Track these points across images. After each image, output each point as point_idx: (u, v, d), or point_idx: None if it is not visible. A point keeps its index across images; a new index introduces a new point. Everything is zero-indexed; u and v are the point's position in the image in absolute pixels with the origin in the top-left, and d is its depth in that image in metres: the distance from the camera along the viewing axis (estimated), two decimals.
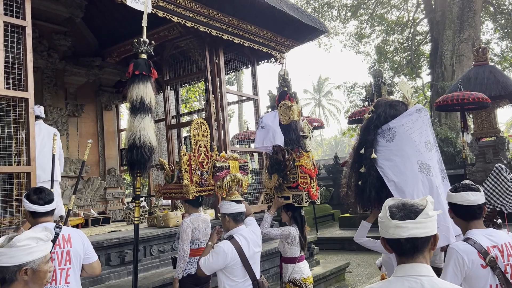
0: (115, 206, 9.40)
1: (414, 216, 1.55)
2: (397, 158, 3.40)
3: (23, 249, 1.86)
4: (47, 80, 8.25)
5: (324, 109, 61.09)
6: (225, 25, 6.83)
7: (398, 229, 1.55)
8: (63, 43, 8.36)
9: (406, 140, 3.41)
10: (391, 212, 1.59)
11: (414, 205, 1.59)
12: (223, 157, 3.85)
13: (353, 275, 8.02)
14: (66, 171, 8.34)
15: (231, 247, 3.24)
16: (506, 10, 21.73)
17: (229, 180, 3.73)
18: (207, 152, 4.25)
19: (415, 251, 1.57)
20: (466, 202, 2.50)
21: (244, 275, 3.29)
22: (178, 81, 8.90)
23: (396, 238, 1.56)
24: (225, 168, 3.73)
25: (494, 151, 11.63)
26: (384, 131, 3.50)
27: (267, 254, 6.48)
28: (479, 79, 12.08)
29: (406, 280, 1.54)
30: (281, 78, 4.98)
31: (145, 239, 5.71)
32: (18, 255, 1.85)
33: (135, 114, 3.54)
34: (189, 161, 4.07)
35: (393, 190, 3.34)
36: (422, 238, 1.55)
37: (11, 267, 1.83)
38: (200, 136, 4.23)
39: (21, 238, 1.87)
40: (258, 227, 3.69)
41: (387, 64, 24.81)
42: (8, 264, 1.83)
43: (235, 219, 3.45)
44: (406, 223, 1.54)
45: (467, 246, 2.37)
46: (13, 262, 1.83)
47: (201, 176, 4.11)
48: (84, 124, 9.25)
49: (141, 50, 3.74)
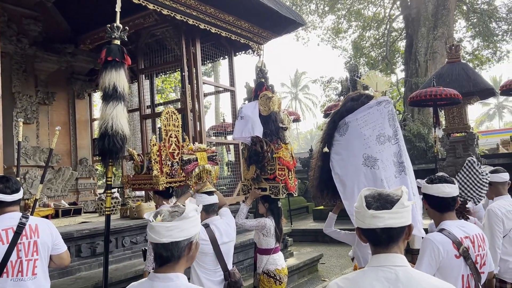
0: (87, 197, 9.20)
1: (390, 206, 1.55)
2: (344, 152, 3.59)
3: (192, 221, 1.72)
4: (16, 66, 7.96)
5: (300, 103, 61.48)
6: (202, 14, 6.73)
7: (374, 219, 1.54)
8: (34, 28, 8.06)
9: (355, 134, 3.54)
10: (367, 202, 1.59)
11: (390, 195, 1.60)
12: (191, 149, 3.81)
13: (326, 267, 8.12)
14: (36, 160, 8.11)
15: (205, 232, 3.21)
16: (478, 9, 22.26)
17: (198, 172, 3.69)
18: (178, 143, 4.19)
19: (390, 241, 1.57)
20: (441, 193, 2.54)
21: (216, 264, 3.27)
22: (153, 70, 8.73)
23: (372, 228, 1.56)
24: (192, 161, 3.69)
25: (464, 147, 11.95)
26: (340, 126, 3.67)
27: (242, 246, 6.48)
28: (451, 76, 12.36)
29: (381, 270, 1.54)
30: (258, 70, 4.94)
31: (117, 230, 5.61)
32: (188, 227, 1.69)
33: (107, 101, 3.43)
34: (159, 152, 4.00)
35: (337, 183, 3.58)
36: (398, 228, 1.56)
37: (182, 241, 1.68)
38: (171, 126, 4.16)
39: (189, 210, 1.73)
40: (233, 219, 3.67)
41: (363, 60, 25.07)
42: (180, 239, 1.67)
43: (207, 210, 3.42)
44: (383, 213, 1.54)
45: (442, 236, 2.41)
46: (184, 236, 1.68)
47: (171, 167, 4.05)
48: (55, 113, 8.98)
49: (114, 36, 3.63)
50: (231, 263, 3.41)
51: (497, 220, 3.62)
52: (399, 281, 1.50)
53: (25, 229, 2.88)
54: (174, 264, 1.68)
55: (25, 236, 2.87)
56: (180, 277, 1.70)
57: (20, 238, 2.85)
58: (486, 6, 22.16)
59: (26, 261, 2.86)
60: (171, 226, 1.65)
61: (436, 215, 2.60)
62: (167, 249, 1.66)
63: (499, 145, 20.36)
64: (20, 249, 2.84)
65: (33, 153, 8.06)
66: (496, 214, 3.63)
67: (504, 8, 22.06)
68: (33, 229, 2.93)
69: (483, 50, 23.30)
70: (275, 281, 4.15)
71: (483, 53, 23.43)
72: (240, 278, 3.42)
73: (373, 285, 1.51)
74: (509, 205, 3.74)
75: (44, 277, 2.96)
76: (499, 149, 19.54)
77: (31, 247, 2.89)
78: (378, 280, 1.51)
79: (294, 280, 7.01)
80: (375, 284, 1.51)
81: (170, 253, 1.66)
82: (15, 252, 2.81)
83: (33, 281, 2.86)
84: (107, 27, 3.67)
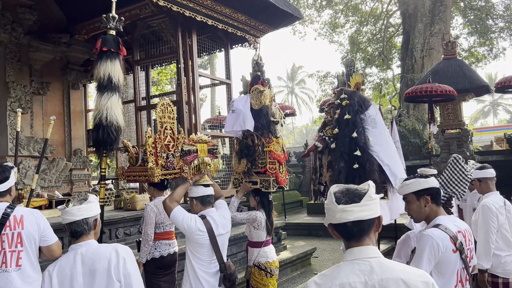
0: (81, 188, 9.17)
1: (359, 199, 1.60)
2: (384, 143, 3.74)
3: (95, 204, 2.36)
4: (11, 55, 7.87)
5: (297, 97, 61.43)
6: (199, 6, 6.69)
7: (344, 213, 1.59)
8: (28, 17, 7.97)
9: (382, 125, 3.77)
10: (336, 198, 1.63)
11: (358, 189, 1.64)
12: (192, 140, 3.79)
13: (319, 260, 8.17)
14: (30, 150, 8.06)
15: (202, 223, 3.22)
16: (475, 6, 22.28)
17: (197, 164, 3.68)
18: (173, 135, 4.18)
19: (361, 234, 1.61)
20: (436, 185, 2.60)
21: (211, 255, 3.28)
22: (149, 62, 8.68)
23: (343, 223, 1.60)
24: (193, 152, 3.65)
25: (458, 143, 12.01)
26: (367, 118, 3.76)
27: (235, 239, 6.50)
28: (447, 73, 12.40)
29: (356, 263, 1.58)
30: (254, 63, 4.92)
31: (111, 221, 5.61)
32: (94, 208, 2.33)
33: (102, 92, 3.42)
34: (155, 144, 4.00)
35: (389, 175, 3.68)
36: (368, 221, 1.60)
37: (90, 218, 2.30)
38: (166, 118, 4.15)
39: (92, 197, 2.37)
40: (228, 211, 3.69)
41: (360, 55, 25.07)
42: (88, 216, 2.29)
43: (203, 202, 3.43)
44: (352, 206, 1.58)
45: (440, 232, 2.42)
46: (90, 214, 2.30)
47: (166, 159, 4.04)
48: (49, 103, 8.91)
49: (109, 26, 3.60)
50: (225, 255, 3.43)
51: (491, 215, 3.68)
52: (374, 272, 1.54)
53: (9, 219, 2.85)
54: (87, 235, 2.29)
55: (8, 227, 2.84)
56: (94, 241, 2.32)
57: (4, 229, 2.82)
58: (483, 3, 22.18)
59: (10, 252, 2.83)
60: (81, 207, 2.28)
61: (433, 209, 2.57)
62: (79, 225, 2.26)
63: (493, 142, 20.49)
64: (3, 240, 2.81)
65: (27, 143, 8.01)
66: (491, 209, 3.69)
67: (501, 5, 22.14)
68: (18, 220, 2.89)
69: (479, 47, 23.36)
70: (266, 273, 4.17)
71: (479, 50, 23.50)
72: (235, 271, 3.45)
73: (349, 279, 1.55)
74: (501, 201, 3.81)
75: (32, 269, 2.93)
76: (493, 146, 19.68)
77: (14, 238, 2.86)
78: (354, 273, 1.55)
79: (287, 273, 7.06)
80: (351, 277, 1.54)
81: (82, 228, 2.27)
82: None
83: (17, 272, 2.84)
84: (103, 17, 3.65)
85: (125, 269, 2.16)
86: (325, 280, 1.59)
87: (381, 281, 1.52)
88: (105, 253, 2.20)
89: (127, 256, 2.23)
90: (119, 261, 2.16)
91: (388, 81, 25.29)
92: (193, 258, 3.25)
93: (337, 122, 3.87)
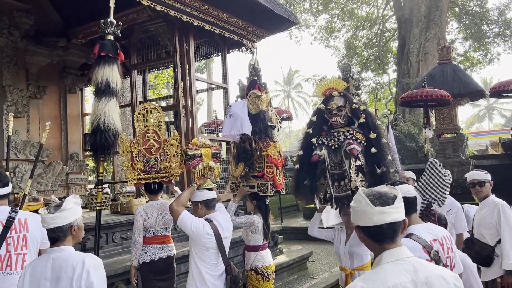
0: (77, 192, 9.15)
1: (392, 201, 1.65)
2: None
3: (71, 211, 2.34)
4: (7, 59, 7.88)
5: (293, 101, 61.49)
6: (196, 11, 6.72)
7: (382, 215, 1.63)
8: (25, 21, 7.99)
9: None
10: (371, 200, 1.66)
11: (388, 193, 1.70)
12: (195, 144, 3.80)
13: (315, 264, 8.18)
14: (26, 154, 8.04)
15: (209, 227, 3.25)
16: (470, 11, 22.45)
17: (202, 168, 3.69)
18: (158, 138, 4.16)
19: (394, 235, 1.66)
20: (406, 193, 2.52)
21: (217, 258, 3.32)
22: (146, 66, 8.70)
23: (379, 225, 1.63)
24: (197, 156, 3.67)
25: (453, 147, 12.08)
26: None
27: (232, 243, 6.46)
28: (442, 77, 12.48)
29: (400, 263, 1.62)
30: (251, 68, 4.94)
31: (108, 225, 5.60)
32: (68, 216, 2.32)
33: (100, 97, 3.44)
34: (131, 148, 4.03)
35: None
36: (399, 222, 1.66)
37: (64, 226, 2.31)
38: (150, 122, 4.15)
39: (67, 204, 2.35)
40: (228, 214, 3.73)
41: (356, 59, 25.15)
42: (62, 224, 2.30)
43: (208, 205, 3.46)
44: (388, 208, 1.63)
45: (412, 242, 2.36)
46: (65, 222, 2.31)
47: (146, 163, 4.05)
48: (46, 107, 8.92)
49: (107, 31, 3.63)
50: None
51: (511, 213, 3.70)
52: (417, 270, 1.59)
53: (14, 223, 2.88)
54: (62, 241, 2.33)
55: (14, 230, 2.88)
56: (70, 248, 2.35)
57: (10, 232, 2.85)
58: (478, 8, 22.36)
59: (15, 255, 2.86)
60: (53, 216, 2.30)
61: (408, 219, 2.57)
62: (54, 232, 2.31)
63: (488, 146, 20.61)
64: (9, 243, 2.84)
65: (23, 147, 8.00)
66: (509, 208, 3.74)
67: (496, 11, 22.28)
68: (22, 223, 2.93)
69: (474, 52, 23.52)
70: (263, 277, 4.18)
71: (474, 55, 23.66)
72: (239, 273, 3.48)
73: (399, 279, 1.57)
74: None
75: None
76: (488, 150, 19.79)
77: (20, 241, 2.90)
78: (401, 273, 1.59)
79: (283, 277, 7.06)
80: (399, 277, 1.58)
81: (57, 235, 2.31)
82: (4, 246, 2.81)
83: (17, 276, 2.84)
84: (101, 22, 3.67)
85: (87, 281, 2.20)
86: (373, 284, 1.58)
87: (426, 279, 1.57)
88: (72, 262, 2.25)
89: (92, 267, 2.25)
90: (83, 272, 2.21)
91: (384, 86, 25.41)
92: (199, 261, 3.28)
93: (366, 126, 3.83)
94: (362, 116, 3.84)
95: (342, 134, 3.85)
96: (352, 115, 3.91)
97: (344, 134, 3.83)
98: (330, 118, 3.92)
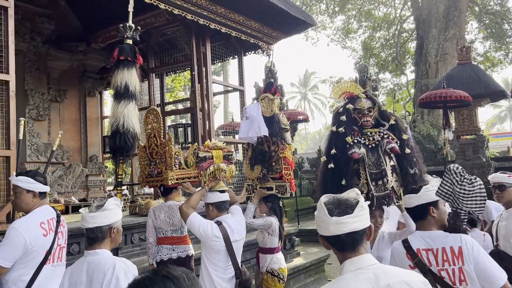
0: (97, 194, 9.30)
1: (351, 210, 1.58)
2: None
3: (112, 212, 2.34)
4: (29, 64, 8.07)
5: (309, 103, 61.35)
6: (212, 14, 6.78)
7: (339, 225, 1.57)
8: (47, 26, 8.17)
9: None
10: (329, 209, 1.61)
11: (348, 200, 1.63)
12: (207, 146, 3.83)
13: (332, 267, 8.12)
14: (47, 157, 8.21)
15: (218, 230, 3.26)
16: (491, 10, 22.05)
17: (213, 170, 3.71)
18: (157, 142, 4.19)
19: (356, 244, 1.60)
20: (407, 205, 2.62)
21: (227, 261, 3.32)
22: (163, 69, 8.80)
23: (336, 235, 1.59)
24: (208, 158, 3.69)
25: (474, 149, 11.86)
26: None
27: (249, 245, 6.49)
28: (462, 78, 12.28)
29: (360, 273, 1.56)
30: (267, 70, 4.98)
31: (127, 227, 5.67)
32: (109, 216, 2.32)
33: (119, 100, 3.51)
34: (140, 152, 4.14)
35: None
36: (361, 231, 1.59)
37: (104, 227, 2.30)
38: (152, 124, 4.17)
39: (109, 204, 2.35)
40: (243, 217, 3.72)
41: (373, 60, 24.96)
42: (103, 224, 2.29)
43: (219, 208, 3.47)
44: (346, 218, 1.57)
45: (399, 246, 2.45)
46: (105, 222, 2.30)
47: (149, 166, 4.10)
48: (66, 110, 9.09)
49: (126, 36, 3.69)
50: (240, 262, 3.46)
51: None
52: (379, 278, 1.53)
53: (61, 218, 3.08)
54: (100, 243, 2.30)
55: (61, 225, 3.07)
56: (105, 252, 2.31)
57: (59, 227, 3.02)
58: (499, 7, 21.94)
59: (62, 248, 3.06)
60: (94, 215, 2.29)
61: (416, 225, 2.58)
62: (93, 232, 2.29)
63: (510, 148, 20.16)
64: (59, 237, 3.01)
65: (44, 149, 8.17)
66: None
67: None
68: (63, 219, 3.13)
69: (495, 51, 23.08)
70: (279, 280, 4.18)
71: (495, 55, 23.21)
72: (250, 277, 3.48)
73: None
74: None
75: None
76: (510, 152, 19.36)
77: (64, 235, 3.10)
78: (361, 283, 1.53)
79: (300, 279, 7.03)
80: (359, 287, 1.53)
81: (95, 235, 2.29)
82: (56, 240, 2.98)
83: (62, 267, 3.03)
84: (120, 27, 3.74)
85: (116, 287, 2.18)
86: None
87: (388, 286, 1.52)
88: (104, 267, 2.22)
89: (123, 273, 2.21)
90: (112, 278, 2.18)
91: (402, 87, 25.13)
92: (209, 263, 3.29)
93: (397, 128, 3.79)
94: (391, 118, 3.81)
95: (375, 134, 3.79)
96: (379, 117, 3.86)
97: (378, 134, 3.77)
98: (360, 118, 3.83)
